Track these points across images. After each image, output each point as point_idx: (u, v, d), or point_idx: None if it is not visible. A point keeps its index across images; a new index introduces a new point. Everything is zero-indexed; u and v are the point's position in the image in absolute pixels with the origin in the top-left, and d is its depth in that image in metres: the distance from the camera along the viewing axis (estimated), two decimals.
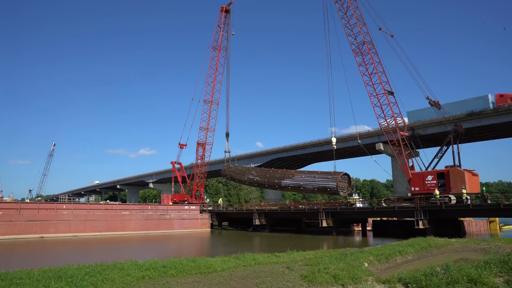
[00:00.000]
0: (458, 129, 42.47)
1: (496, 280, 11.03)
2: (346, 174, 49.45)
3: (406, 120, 48.29)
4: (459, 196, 37.63)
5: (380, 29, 48.04)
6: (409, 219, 41.30)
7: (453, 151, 42.54)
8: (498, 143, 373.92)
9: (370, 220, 51.28)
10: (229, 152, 69.68)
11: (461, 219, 42.46)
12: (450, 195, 37.98)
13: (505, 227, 54.29)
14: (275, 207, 54.77)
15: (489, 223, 50.54)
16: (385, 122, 46.21)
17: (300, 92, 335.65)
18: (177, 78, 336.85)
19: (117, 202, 66.51)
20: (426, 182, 41.71)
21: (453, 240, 21.01)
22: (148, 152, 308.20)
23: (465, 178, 38.13)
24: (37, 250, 32.53)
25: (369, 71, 46.94)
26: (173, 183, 74.71)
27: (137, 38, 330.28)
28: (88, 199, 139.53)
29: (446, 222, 40.19)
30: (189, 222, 55.94)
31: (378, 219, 49.84)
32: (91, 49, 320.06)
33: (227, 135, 69.29)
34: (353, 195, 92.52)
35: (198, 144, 68.36)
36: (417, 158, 46.91)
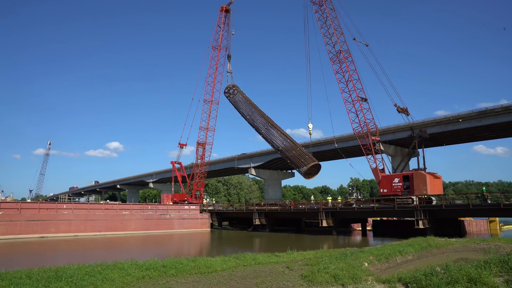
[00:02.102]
0: (422, 135, 44.54)
1: (496, 280, 11.02)
2: (318, 165, 52.99)
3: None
4: (428, 198, 39.85)
5: (354, 39, 50.55)
6: (409, 219, 41.34)
7: (423, 154, 45.08)
8: (498, 143, 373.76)
9: (370, 220, 51.33)
10: (231, 73, 68.91)
11: (461, 219, 42.50)
12: (412, 197, 40.12)
13: (505, 227, 54.32)
14: (275, 207, 54.80)
15: (489, 223, 50.58)
16: (359, 127, 48.72)
17: (300, 91, 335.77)
18: (177, 78, 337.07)
19: (117, 202, 66.54)
20: (393, 184, 43.94)
21: (453, 240, 21.03)
22: (147, 152, 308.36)
23: (427, 181, 40.40)
24: (37, 250, 32.55)
25: (345, 79, 49.28)
26: (173, 183, 74.74)
27: (136, 38, 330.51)
28: (88, 199, 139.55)
29: (446, 222, 40.21)
30: (189, 222, 55.99)
31: (378, 219, 49.88)
32: (91, 49, 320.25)
33: (229, 56, 68.96)
34: (354, 195, 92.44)
35: (198, 144, 68.39)
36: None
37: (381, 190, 45.44)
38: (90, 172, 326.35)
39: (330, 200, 53.51)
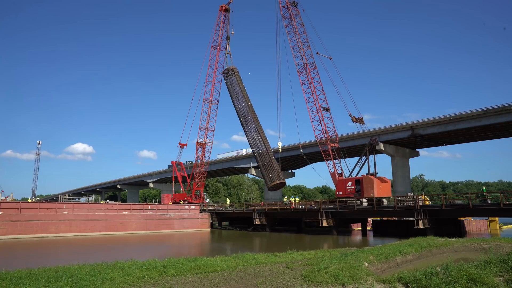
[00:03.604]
0: (372, 143, 47.58)
1: (496, 280, 11.02)
2: (283, 183, 57.88)
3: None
4: (378, 199, 43.23)
5: (317, 53, 54.11)
6: (409, 218, 41.35)
7: (374, 161, 47.83)
8: (498, 143, 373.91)
9: (370, 219, 51.33)
10: (230, 54, 68.89)
11: (461, 218, 42.52)
12: (361, 199, 43.98)
13: (505, 226, 54.30)
14: (275, 207, 54.80)
15: (489, 223, 50.57)
16: (322, 134, 51.99)
17: (301, 91, 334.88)
18: (177, 77, 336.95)
19: (117, 202, 66.49)
20: (347, 188, 46.81)
21: (453, 239, 21.01)
22: (148, 152, 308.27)
23: (374, 184, 43.59)
24: (38, 250, 32.54)
25: (311, 89, 52.77)
26: (173, 183, 74.74)
27: (136, 38, 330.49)
28: (88, 198, 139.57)
29: (446, 221, 40.20)
30: (189, 222, 55.98)
31: (378, 218, 49.90)
32: (91, 49, 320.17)
33: (228, 38, 68.85)
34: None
35: (198, 143, 68.39)
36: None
37: (337, 193, 48.38)
38: (90, 172, 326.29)
39: (294, 200, 56.23)
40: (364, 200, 43.97)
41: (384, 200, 43.93)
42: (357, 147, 66.03)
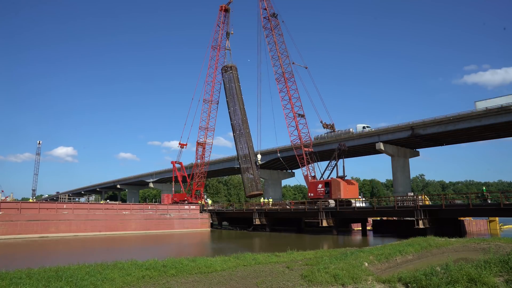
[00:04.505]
0: (341, 147, 50.30)
1: (496, 280, 11.03)
2: (260, 194, 63.80)
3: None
4: (347, 200, 46.04)
5: (293, 63, 57.41)
6: (409, 218, 41.35)
7: (343, 164, 50.42)
8: (498, 143, 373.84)
9: (370, 219, 51.34)
10: (230, 50, 69.79)
11: (461, 218, 42.52)
12: (329, 200, 46.97)
13: (505, 226, 54.30)
14: (275, 207, 54.82)
15: (489, 223, 50.56)
16: (297, 139, 55.06)
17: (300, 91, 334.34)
18: (177, 77, 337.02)
19: (117, 202, 66.45)
20: (318, 189, 49.99)
21: (453, 239, 21.02)
22: (147, 152, 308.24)
23: (341, 187, 46.80)
24: (38, 250, 32.54)
25: (288, 96, 56.08)
26: (173, 183, 74.72)
27: (136, 38, 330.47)
28: (88, 198, 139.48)
29: (446, 221, 40.20)
30: (189, 222, 55.99)
31: (378, 218, 49.91)
32: (91, 49, 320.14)
33: (228, 34, 69.44)
34: None
35: (198, 143, 68.38)
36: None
37: (309, 194, 51.29)
38: (90, 172, 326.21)
39: (270, 202, 59.42)
40: (332, 201, 46.49)
41: (353, 201, 46.11)
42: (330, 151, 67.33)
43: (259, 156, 62.55)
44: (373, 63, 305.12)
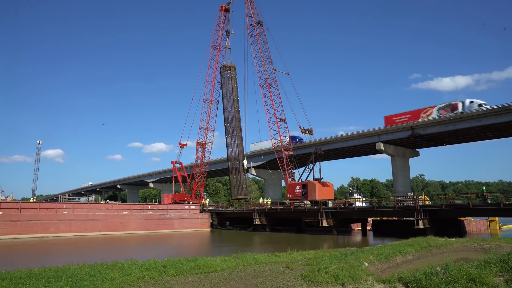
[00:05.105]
0: (317, 151, 52.40)
1: (496, 280, 11.02)
2: (245, 198, 65.83)
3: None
4: (324, 201, 47.95)
5: (275, 70, 59.25)
6: (409, 218, 41.34)
7: (320, 167, 52.51)
8: (498, 143, 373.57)
9: (370, 219, 51.33)
10: (230, 49, 70.18)
11: (461, 218, 42.51)
12: (304, 201, 49.26)
13: (505, 226, 54.27)
14: (275, 207, 54.77)
15: (489, 223, 50.54)
16: (279, 142, 57.54)
17: (300, 91, 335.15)
18: (177, 77, 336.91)
19: (117, 202, 66.41)
20: (295, 191, 52.20)
21: (453, 239, 21.00)
22: (147, 152, 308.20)
23: (316, 189, 49.15)
24: (38, 250, 32.54)
25: (271, 101, 58.19)
26: (173, 183, 74.70)
27: (136, 38, 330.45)
28: (88, 198, 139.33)
29: (446, 221, 40.19)
30: (189, 222, 55.98)
31: (378, 218, 49.89)
32: (91, 49, 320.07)
33: (228, 32, 69.77)
34: (354, 195, 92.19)
35: (198, 143, 68.37)
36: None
37: (288, 195, 53.15)
38: (91, 172, 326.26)
39: (269, 202, 59.92)
40: (308, 202, 48.90)
41: (329, 202, 48.34)
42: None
43: (245, 162, 65.33)
44: (373, 63, 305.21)
